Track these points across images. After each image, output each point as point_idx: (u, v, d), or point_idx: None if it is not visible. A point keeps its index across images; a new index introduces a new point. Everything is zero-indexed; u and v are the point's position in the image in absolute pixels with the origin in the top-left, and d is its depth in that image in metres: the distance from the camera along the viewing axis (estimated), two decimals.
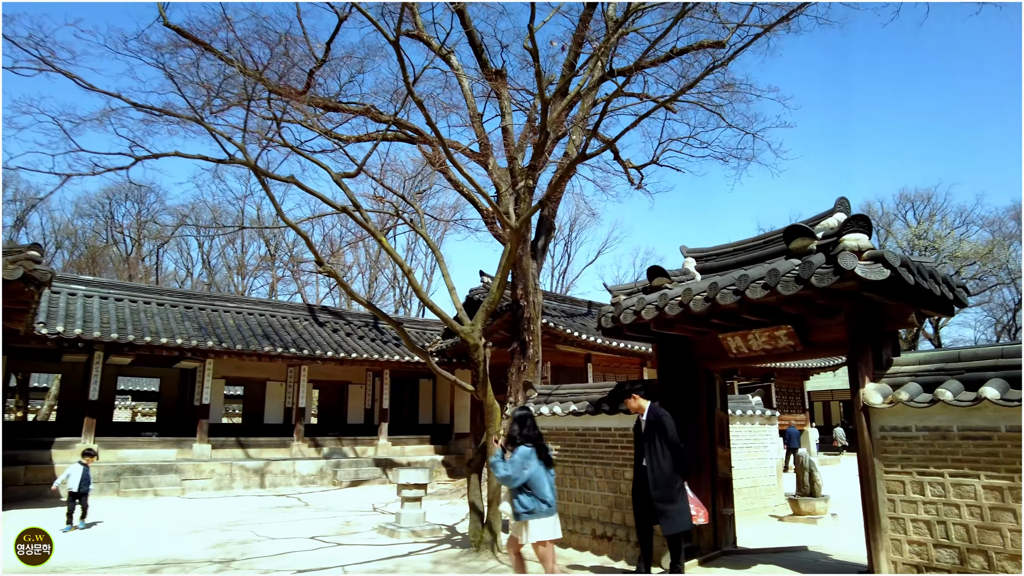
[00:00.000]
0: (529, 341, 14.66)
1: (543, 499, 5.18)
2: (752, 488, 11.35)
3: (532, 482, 5.19)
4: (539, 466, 5.27)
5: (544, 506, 5.16)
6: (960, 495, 4.81)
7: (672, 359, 7.24)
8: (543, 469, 5.29)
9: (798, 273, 5.20)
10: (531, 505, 5.17)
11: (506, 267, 6.79)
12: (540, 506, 5.16)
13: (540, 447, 5.38)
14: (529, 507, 5.18)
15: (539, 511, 5.16)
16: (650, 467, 5.79)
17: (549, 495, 5.24)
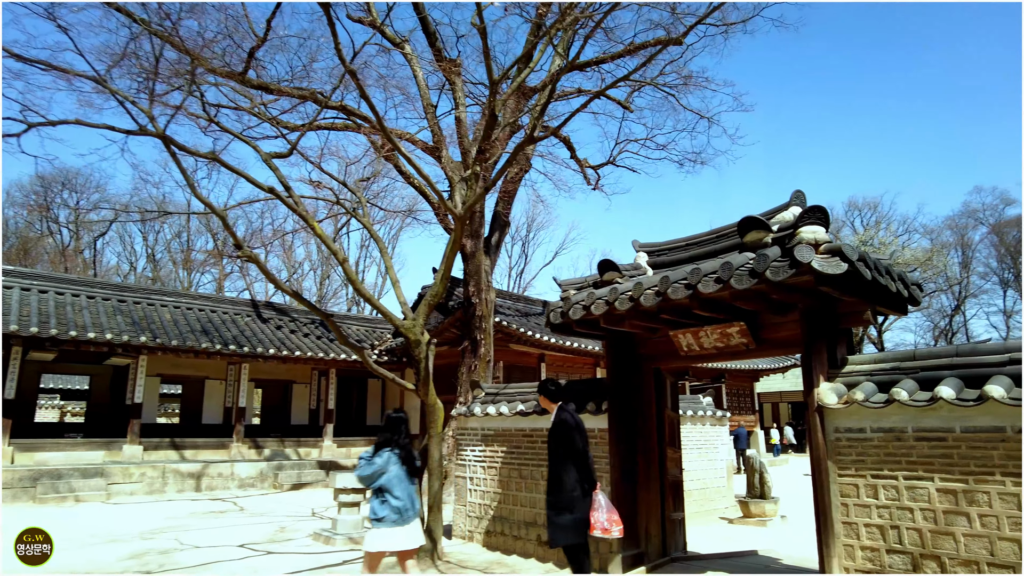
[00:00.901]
0: (481, 340, 14.28)
1: (397, 507, 4.92)
2: (702, 490, 11.19)
3: (387, 489, 4.96)
4: (400, 473, 5.03)
5: (394, 515, 4.91)
6: (914, 498, 4.63)
7: (622, 357, 6.95)
8: (404, 477, 5.05)
9: (752, 267, 4.96)
10: (381, 512, 4.94)
11: (450, 257, 6.39)
12: (390, 514, 4.91)
13: (405, 454, 5.13)
14: (378, 514, 4.94)
15: (388, 519, 4.90)
16: (549, 472, 5.34)
17: (405, 504, 4.96)
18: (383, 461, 5.00)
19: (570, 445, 5.15)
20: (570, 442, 5.15)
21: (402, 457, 5.07)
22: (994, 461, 4.31)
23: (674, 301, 5.51)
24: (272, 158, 6.84)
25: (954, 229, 42.60)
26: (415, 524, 5.05)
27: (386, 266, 8.22)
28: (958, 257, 42.40)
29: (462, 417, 8.80)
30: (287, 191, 6.49)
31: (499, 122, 7.25)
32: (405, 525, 4.93)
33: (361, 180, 9.56)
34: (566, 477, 5.12)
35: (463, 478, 8.65)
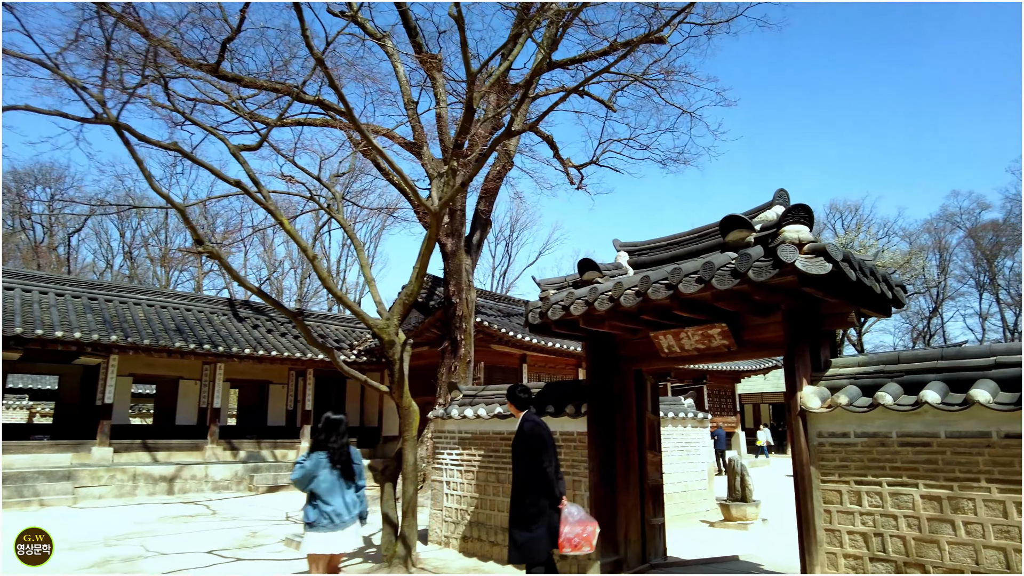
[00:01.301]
0: (461, 340, 14.10)
1: (328, 512, 4.82)
2: (683, 493, 11.09)
3: (320, 492, 4.86)
4: (332, 477, 4.91)
5: (325, 520, 4.81)
6: (898, 505, 4.51)
7: (602, 359, 6.80)
8: (338, 481, 4.93)
9: (735, 266, 4.82)
10: (311, 517, 4.85)
11: (425, 254, 6.19)
12: (321, 519, 4.82)
13: (339, 457, 4.99)
14: (310, 519, 4.86)
15: (319, 524, 4.81)
16: (513, 484, 5.07)
17: (337, 509, 4.85)
18: (312, 465, 4.89)
19: (533, 456, 4.88)
20: (533, 453, 4.88)
21: (334, 461, 4.94)
22: (979, 467, 4.21)
23: (655, 301, 5.36)
24: (240, 151, 6.59)
25: (932, 232, 43.18)
26: (352, 529, 4.94)
27: (361, 263, 8.00)
28: (936, 260, 42.96)
29: (439, 420, 8.60)
30: (255, 185, 6.25)
31: (479, 117, 7.06)
32: (339, 530, 4.83)
33: (336, 175, 9.32)
34: (527, 491, 4.87)
35: (440, 482, 8.45)
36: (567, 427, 6.93)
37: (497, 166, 14.93)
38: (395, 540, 7.19)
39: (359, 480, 5.10)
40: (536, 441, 4.91)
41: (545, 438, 4.97)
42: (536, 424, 5.06)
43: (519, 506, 4.88)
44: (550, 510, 4.83)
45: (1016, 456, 4.08)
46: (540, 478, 4.85)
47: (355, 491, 5.03)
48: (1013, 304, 40.70)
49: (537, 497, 4.82)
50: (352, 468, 5.04)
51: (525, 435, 4.98)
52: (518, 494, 4.92)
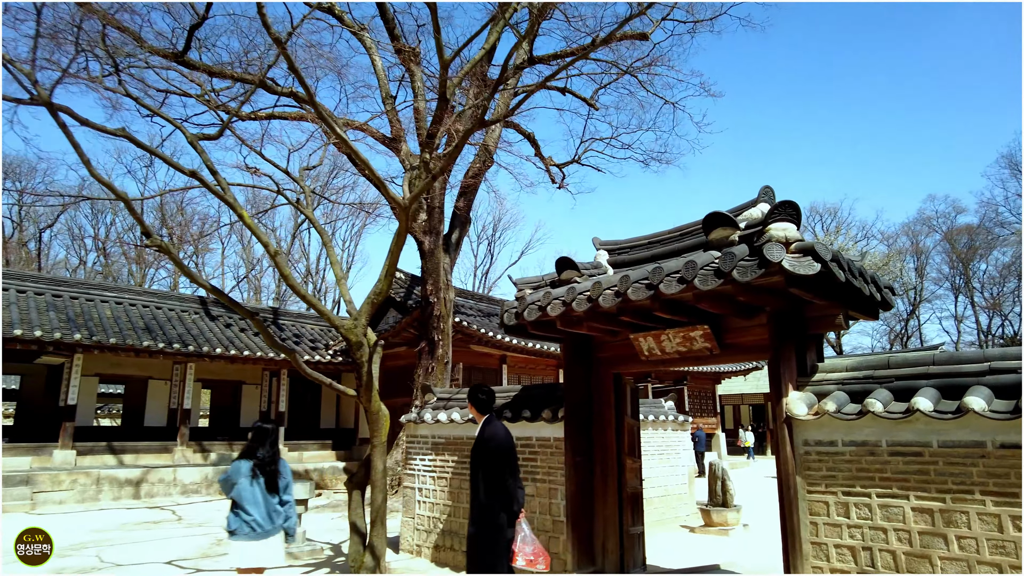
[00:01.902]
0: (438, 340, 13.78)
1: (247, 521, 4.68)
2: (664, 497, 10.87)
3: (240, 500, 4.73)
4: (254, 486, 4.77)
5: (246, 528, 4.67)
6: (888, 518, 4.28)
7: (580, 361, 6.53)
8: (261, 491, 4.79)
9: (718, 266, 4.56)
10: (233, 525, 4.72)
11: (395, 251, 5.88)
12: (242, 527, 4.68)
13: (264, 466, 4.84)
14: (231, 526, 4.73)
15: (240, 532, 4.67)
16: (472, 495, 4.74)
17: (258, 519, 4.70)
18: (232, 472, 4.78)
19: (494, 466, 4.55)
20: (494, 463, 4.56)
21: (258, 469, 4.79)
22: (973, 478, 3.99)
23: (634, 302, 5.10)
24: (199, 139, 6.22)
25: (909, 235, 43.60)
26: (275, 540, 4.79)
27: (330, 261, 7.66)
28: (913, 263, 43.38)
29: (412, 424, 8.29)
30: (213, 176, 5.87)
31: (459, 112, 6.76)
32: (259, 540, 4.68)
33: (307, 168, 8.96)
34: (487, 502, 4.55)
35: (412, 488, 8.13)
36: (543, 432, 6.66)
37: (477, 163, 14.64)
38: (363, 550, 6.86)
39: (284, 494, 4.91)
40: (498, 450, 4.59)
41: (507, 446, 4.64)
42: (498, 430, 4.74)
43: (480, 520, 4.56)
44: (508, 527, 4.52)
45: (1012, 467, 3.87)
46: (500, 491, 4.54)
47: (280, 504, 4.87)
48: (987, 307, 41.21)
49: (497, 512, 4.51)
50: (276, 480, 4.87)
51: (486, 442, 4.66)
52: (479, 506, 4.60)
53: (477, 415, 4.93)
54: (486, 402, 4.91)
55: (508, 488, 4.53)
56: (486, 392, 4.95)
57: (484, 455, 4.60)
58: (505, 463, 4.56)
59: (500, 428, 4.76)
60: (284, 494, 4.91)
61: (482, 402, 4.90)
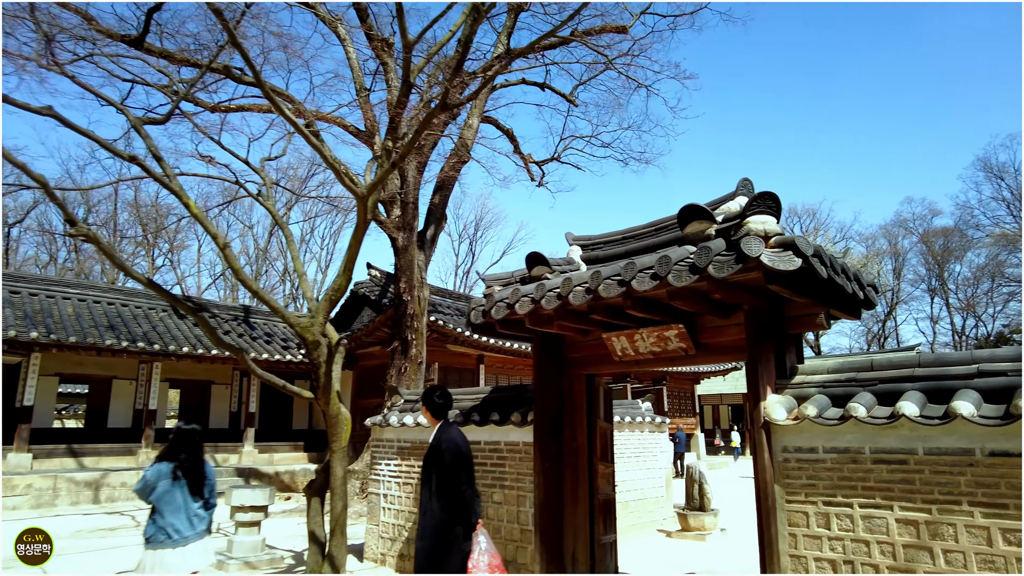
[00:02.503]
0: (412, 340, 13.41)
1: (163, 527, 4.42)
2: (640, 501, 10.61)
3: (159, 505, 4.50)
4: (176, 490, 4.54)
5: (162, 536, 4.41)
6: (870, 529, 4.03)
7: (551, 362, 6.22)
8: (183, 495, 4.55)
9: (693, 261, 4.27)
10: (150, 531, 4.47)
11: (354, 244, 5.53)
12: (157, 534, 4.43)
13: (186, 469, 4.63)
14: (148, 533, 4.48)
15: (155, 539, 4.41)
16: (421, 507, 4.42)
17: (176, 524, 4.44)
18: (153, 476, 4.52)
19: (448, 475, 4.24)
20: (449, 471, 4.24)
21: (179, 472, 4.55)
22: (960, 488, 3.75)
23: (606, 299, 4.80)
24: (144, 123, 5.82)
25: (887, 237, 43.99)
26: (197, 546, 4.54)
27: (292, 255, 7.30)
28: (891, 264, 43.75)
29: (377, 427, 7.94)
30: (158, 162, 5.48)
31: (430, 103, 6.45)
32: (177, 547, 4.42)
33: (267, 159, 8.57)
34: (442, 514, 4.22)
35: (377, 495, 7.78)
36: (512, 437, 6.34)
37: (453, 158, 14.28)
38: (322, 560, 6.50)
39: (210, 497, 4.69)
40: (454, 457, 4.27)
41: (463, 453, 4.33)
42: (454, 436, 4.41)
43: (434, 535, 4.22)
44: (464, 540, 4.19)
45: (1003, 477, 3.63)
46: (456, 502, 4.21)
47: (204, 507, 4.64)
48: (962, 308, 41.68)
49: (452, 525, 4.18)
50: (203, 483, 4.66)
51: (441, 449, 4.33)
52: (432, 520, 4.27)
53: (431, 420, 4.60)
54: (442, 406, 4.58)
55: (465, 498, 4.21)
56: (443, 395, 4.62)
57: (439, 463, 4.28)
58: (461, 471, 4.24)
59: (456, 434, 4.43)
60: (210, 497, 4.68)
61: (438, 406, 4.57)
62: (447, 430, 4.46)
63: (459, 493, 4.20)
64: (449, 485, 4.21)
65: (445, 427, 4.49)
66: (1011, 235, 35.49)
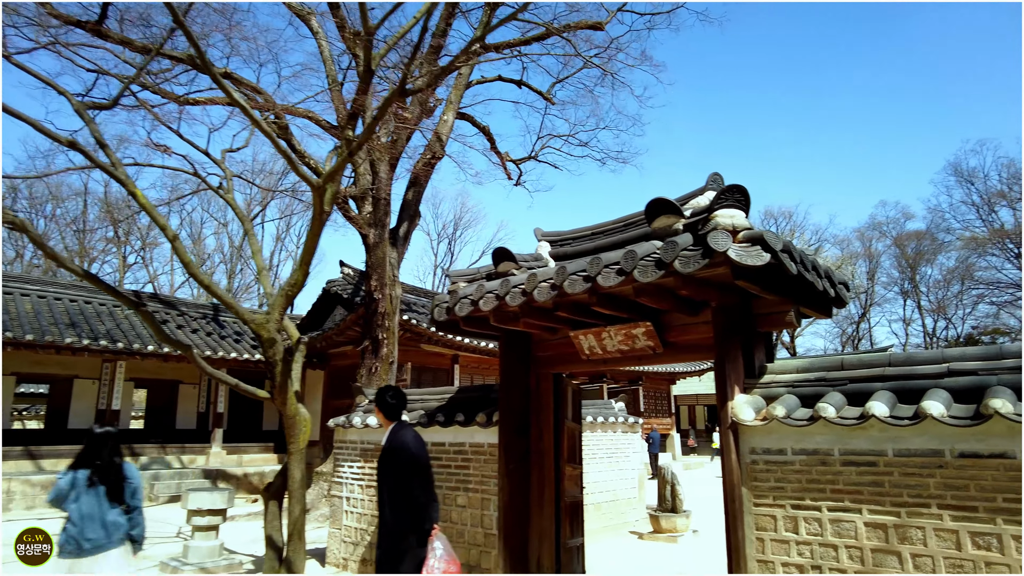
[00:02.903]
0: (383, 339, 13.13)
1: (74, 536, 4.19)
2: (612, 503, 10.48)
3: (72, 513, 4.27)
4: (92, 497, 4.29)
5: (71, 545, 4.18)
6: (839, 533, 3.90)
7: (518, 361, 6.05)
8: (99, 502, 4.31)
9: (659, 256, 4.13)
10: (61, 540, 4.22)
11: (311, 238, 5.30)
12: (67, 544, 4.19)
13: (105, 475, 4.37)
14: (60, 542, 4.24)
15: (64, 550, 4.17)
16: (379, 513, 4.20)
17: (88, 533, 4.20)
18: (65, 484, 4.28)
19: (400, 479, 4.03)
20: (401, 475, 4.04)
21: (96, 478, 4.30)
22: (930, 490, 3.64)
23: (571, 296, 4.64)
24: (88, 108, 5.53)
25: (862, 240, 44.51)
26: (114, 555, 4.29)
27: (252, 250, 7.04)
28: (865, 267, 44.26)
29: (340, 428, 7.69)
30: (102, 149, 5.20)
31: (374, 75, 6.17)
32: (89, 556, 4.18)
33: (228, 150, 8.28)
34: (394, 521, 4.03)
35: (339, 498, 7.54)
36: (477, 438, 6.16)
37: (427, 154, 14.04)
38: (279, 565, 6.26)
39: (132, 500, 4.43)
40: (406, 461, 4.06)
41: (416, 456, 4.12)
42: (407, 439, 4.20)
43: (389, 542, 4.02)
44: (417, 546, 3.99)
45: (971, 479, 3.53)
46: (409, 507, 4.01)
47: (125, 512, 4.38)
48: (933, 310, 42.32)
49: (404, 532, 3.98)
50: (122, 487, 4.39)
51: (393, 453, 4.13)
52: (385, 525, 4.07)
53: (384, 421, 4.39)
54: (395, 407, 4.37)
55: (418, 504, 4.01)
56: (395, 395, 4.41)
57: (391, 467, 4.08)
58: (414, 476, 4.04)
59: (410, 436, 4.23)
60: (132, 500, 4.43)
61: (391, 407, 4.36)
62: (399, 432, 4.25)
63: (412, 498, 3.99)
64: (402, 490, 4.01)
65: (398, 429, 4.28)
66: (980, 239, 36.10)
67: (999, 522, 3.42)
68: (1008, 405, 3.35)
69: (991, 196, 36.91)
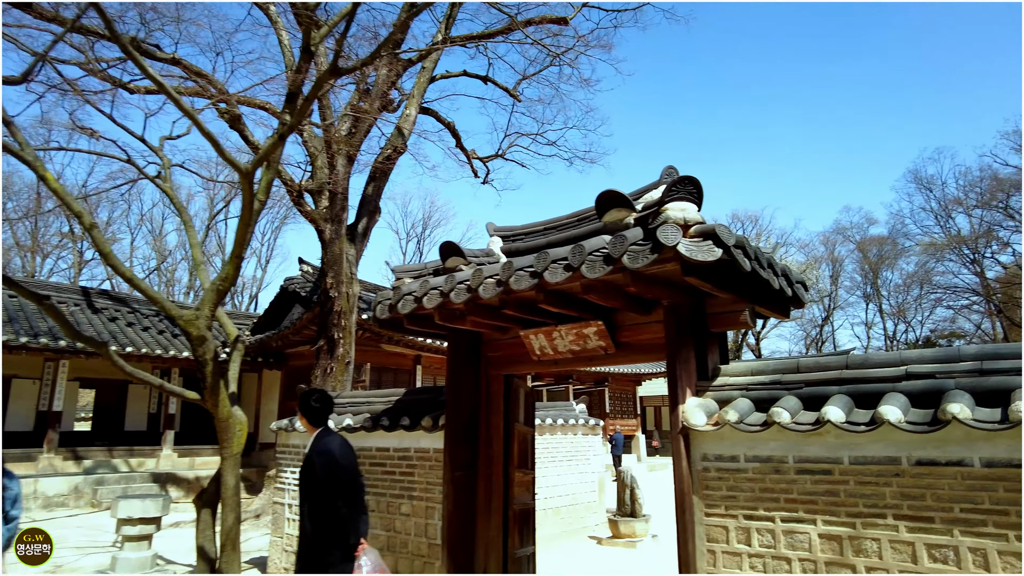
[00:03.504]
0: (339, 339, 12.71)
1: None
2: (571, 507, 10.26)
3: None
4: None
5: None
6: (793, 546, 3.70)
7: (467, 362, 5.75)
8: None
9: (608, 251, 3.87)
10: None
11: (241, 228, 4.93)
12: None
13: None
14: None
15: None
16: (300, 526, 3.86)
17: None
18: None
19: (325, 490, 3.70)
20: (323, 487, 3.71)
21: None
22: (886, 500, 3.44)
23: (518, 293, 4.36)
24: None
25: (826, 244, 45.25)
26: None
27: (190, 243, 6.63)
28: (829, 270, 44.99)
29: (283, 432, 7.32)
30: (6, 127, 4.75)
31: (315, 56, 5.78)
32: None
33: (167, 138, 7.84)
34: (312, 537, 3.70)
35: (281, 504, 7.16)
36: (422, 443, 5.85)
37: (388, 148, 13.67)
38: None
39: (12, 510, 4.26)
40: (327, 470, 3.74)
41: (341, 466, 3.79)
42: (331, 446, 3.86)
43: (311, 558, 3.70)
44: (342, 562, 3.67)
45: (928, 488, 3.34)
46: (332, 522, 3.69)
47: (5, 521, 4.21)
48: (893, 314, 43.19)
49: (327, 548, 3.65)
50: None
51: (316, 461, 3.80)
52: (309, 541, 3.74)
53: (309, 427, 4.05)
54: (320, 412, 4.04)
55: (341, 518, 3.69)
56: (321, 399, 4.08)
57: (313, 477, 3.74)
58: (339, 486, 3.71)
59: (335, 443, 3.90)
60: (13, 509, 4.23)
61: (315, 411, 4.02)
62: (324, 439, 3.92)
63: (335, 511, 3.67)
64: (324, 502, 3.68)
65: (323, 436, 3.94)
66: (939, 244, 36.89)
67: (956, 534, 3.24)
68: (966, 410, 3.17)
69: (948, 203, 37.79)
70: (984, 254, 34.78)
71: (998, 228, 33.65)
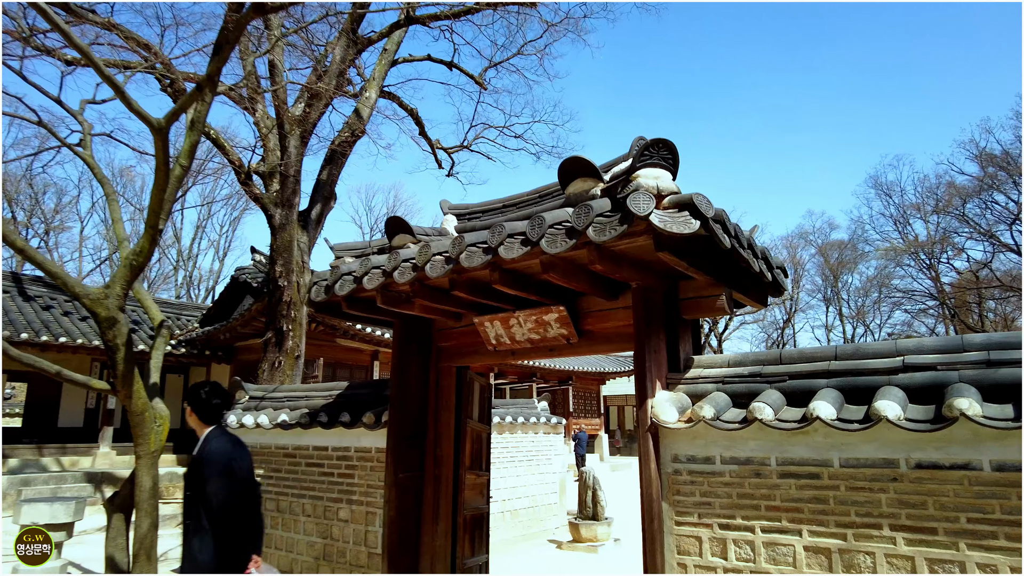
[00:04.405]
0: (288, 331, 11.98)
1: None
2: (531, 509, 9.78)
3: None
4: None
5: None
6: (774, 560, 3.25)
7: (415, 352, 5.21)
8: None
9: (571, 224, 3.38)
10: None
11: (155, 194, 4.30)
12: None
13: None
14: None
15: None
16: (183, 540, 3.26)
17: None
18: None
19: (212, 498, 3.13)
20: (213, 492, 3.14)
21: None
22: (881, 508, 3.03)
23: (470, 271, 3.84)
24: None
25: (788, 248, 45.77)
26: None
27: (112, 218, 5.94)
28: (791, 274, 45.49)
29: None
30: None
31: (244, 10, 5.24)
32: None
33: (88, 101, 7.12)
34: (198, 554, 3.12)
35: None
36: (364, 442, 5.28)
37: (346, 131, 12.99)
38: None
39: None
40: (217, 476, 3.16)
41: (232, 470, 3.21)
42: (220, 448, 3.27)
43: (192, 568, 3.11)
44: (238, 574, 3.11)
45: (930, 494, 2.93)
46: (221, 534, 3.11)
47: None
48: (853, 317, 43.91)
49: (212, 565, 3.08)
50: None
51: (202, 465, 3.21)
52: (187, 559, 3.16)
53: (199, 425, 3.44)
54: (214, 407, 3.44)
55: (232, 530, 3.11)
56: (213, 392, 3.47)
57: (200, 484, 3.15)
58: (230, 495, 3.13)
59: (229, 444, 3.31)
60: None
61: (207, 407, 3.42)
62: (215, 440, 3.32)
63: (223, 523, 3.08)
64: (210, 511, 3.09)
65: (215, 435, 3.34)
66: (898, 248, 37.54)
67: (962, 547, 2.83)
68: (975, 406, 2.76)
69: (907, 209, 38.50)
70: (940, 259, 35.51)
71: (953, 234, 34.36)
